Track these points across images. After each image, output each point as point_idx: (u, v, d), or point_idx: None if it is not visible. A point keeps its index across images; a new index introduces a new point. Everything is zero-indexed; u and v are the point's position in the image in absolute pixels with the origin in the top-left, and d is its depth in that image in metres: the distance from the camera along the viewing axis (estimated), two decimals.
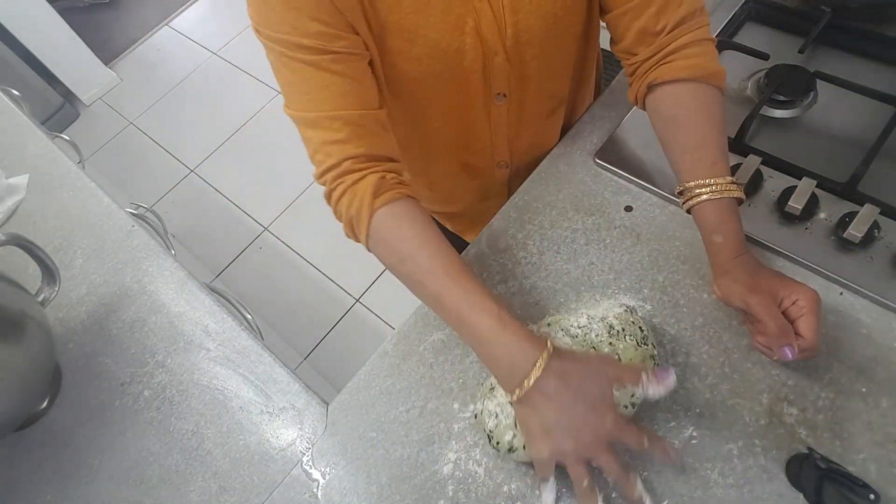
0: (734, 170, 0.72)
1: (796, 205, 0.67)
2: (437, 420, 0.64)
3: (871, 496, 0.48)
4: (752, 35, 0.89)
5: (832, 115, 0.78)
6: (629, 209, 0.75)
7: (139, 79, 2.76)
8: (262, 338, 0.79)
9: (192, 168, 2.37)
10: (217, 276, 2.04)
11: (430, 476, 0.61)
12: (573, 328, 0.60)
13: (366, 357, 0.70)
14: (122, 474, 0.68)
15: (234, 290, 1.94)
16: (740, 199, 0.59)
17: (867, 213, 0.64)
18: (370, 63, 0.62)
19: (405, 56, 0.60)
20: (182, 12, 3.03)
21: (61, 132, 1.20)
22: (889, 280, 0.63)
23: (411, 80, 0.63)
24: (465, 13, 0.59)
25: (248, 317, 0.90)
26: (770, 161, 0.73)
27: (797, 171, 0.72)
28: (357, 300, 1.89)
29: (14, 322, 0.64)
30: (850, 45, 0.83)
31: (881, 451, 0.55)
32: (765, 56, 0.83)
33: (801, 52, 0.82)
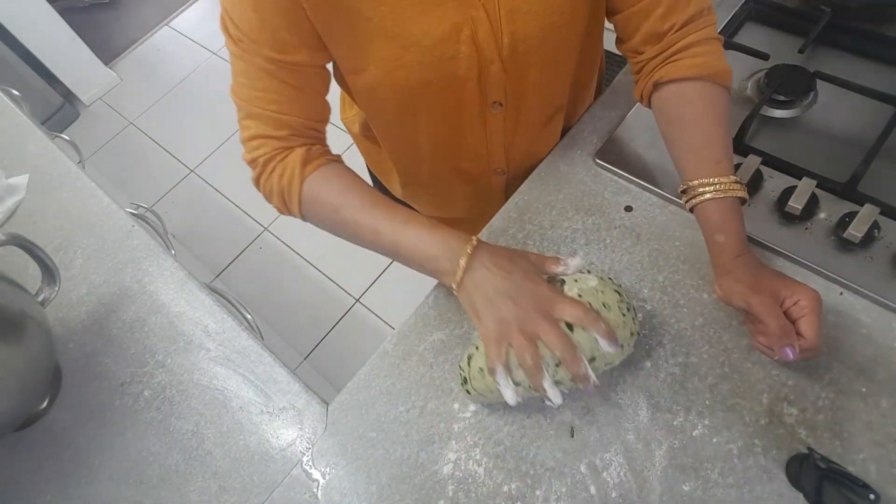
0: (734, 170, 0.72)
1: (796, 205, 0.67)
2: (437, 420, 0.64)
3: (871, 496, 0.48)
4: (752, 35, 0.89)
5: (832, 115, 0.78)
6: (629, 209, 0.75)
7: (139, 79, 2.76)
8: (262, 338, 0.79)
9: (192, 168, 2.37)
10: (217, 276, 2.04)
11: (430, 476, 0.61)
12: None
13: (366, 357, 0.70)
14: (122, 474, 0.68)
15: (234, 290, 1.94)
16: (743, 199, 0.59)
17: (867, 213, 0.65)
18: (342, 71, 0.65)
19: (397, 63, 0.59)
20: (182, 12, 3.03)
21: (61, 132, 1.20)
22: (889, 280, 0.63)
23: (403, 88, 0.62)
24: (461, 21, 0.58)
25: (248, 317, 0.90)
26: (770, 161, 0.73)
27: (797, 171, 0.72)
28: (357, 300, 1.89)
29: (14, 322, 0.64)
30: (850, 45, 0.84)
31: (881, 451, 0.55)
32: (765, 56, 0.83)
33: (801, 52, 0.82)
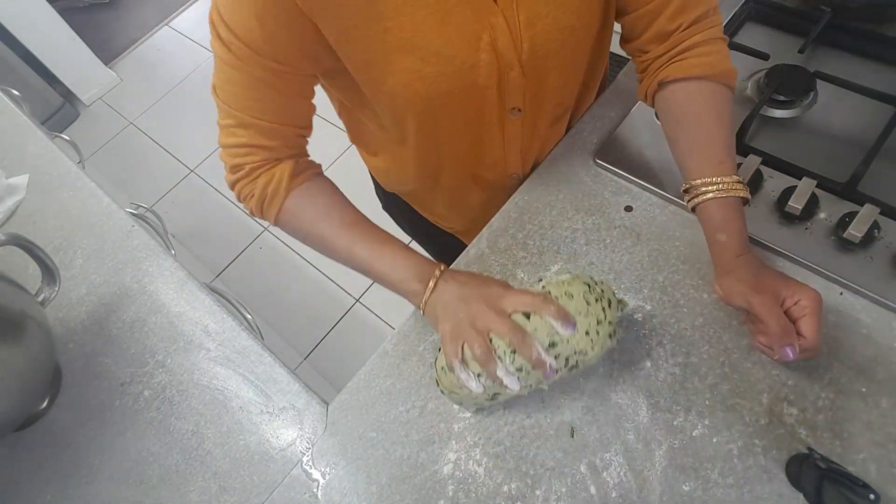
0: (737, 169, 0.72)
1: (796, 205, 0.67)
2: (437, 420, 0.64)
3: (871, 496, 0.48)
4: (752, 35, 0.89)
5: (832, 115, 0.78)
6: (629, 209, 0.75)
7: (139, 79, 2.76)
8: (262, 338, 0.79)
9: (192, 168, 2.37)
10: (217, 276, 2.04)
11: (430, 476, 0.61)
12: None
13: (366, 357, 0.70)
14: (122, 474, 0.68)
15: (234, 290, 1.94)
16: (746, 199, 0.59)
17: (867, 213, 0.65)
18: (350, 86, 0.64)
19: (417, 75, 0.58)
20: (182, 12, 3.03)
21: (61, 132, 1.20)
22: (889, 280, 0.63)
23: (424, 99, 0.61)
24: (481, 29, 0.57)
25: (248, 317, 0.90)
26: (770, 161, 0.73)
27: (797, 171, 0.72)
28: (357, 300, 1.89)
29: (14, 322, 0.64)
30: (850, 45, 0.83)
31: (881, 451, 0.55)
32: (765, 56, 0.83)
33: (801, 52, 0.82)
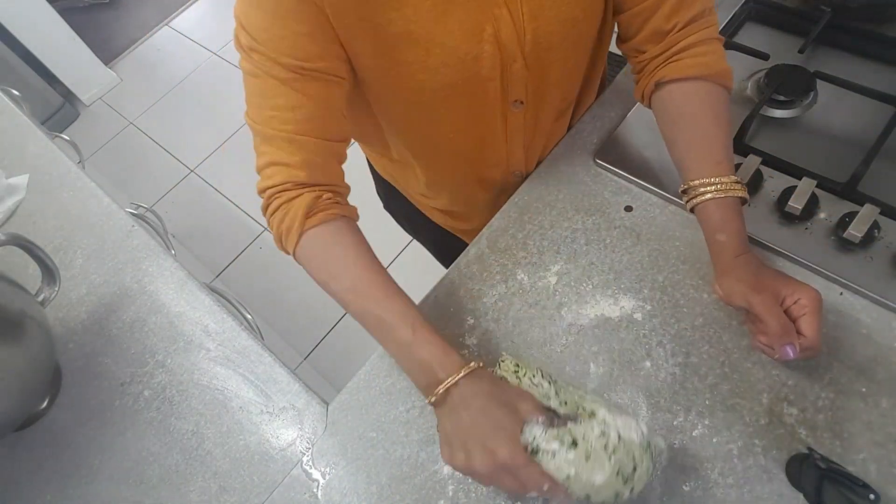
0: (735, 170, 0.72)
1: (796, 205, 0.67)
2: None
3: (871, 496, 0.48)
4: (752, 35, 0.89)
5: (832, 115, 0.78)
6: (629, 209, 0.75)
7: (139, 79, 2.76)
8: (262, 338, 0.79)
9: (192, 168, 2.37)
10: (217, 276, 2.04)
11: (430, 476, 0.61)
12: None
13: (366, 357, 0.70)
14: (122, 474, 0.68)
15: (234, 290, 1.93)
16: (744, 199, 0.59)
17: (867, 213, 0.65)
18: (361, 86, 0.63)
19: (421, 66, 0.58)
20: (182, 12, 3.03)
21: (61, 132, 1.20)
22: (889, 280, 0.63)
23: (427, 91, 0.61)
24: (484, 20, 0.57)
25: (248, 317, 0.90)
26: (770, 161, 0.73)
27: (797, 171, 0.72)
28: None
29: (14, 322, 0.64)
30: (850, 45, 0.83)
31: (881, 451, 0.55)
32: (765, 56, 0.83)
33: (801, 52, 0.82)
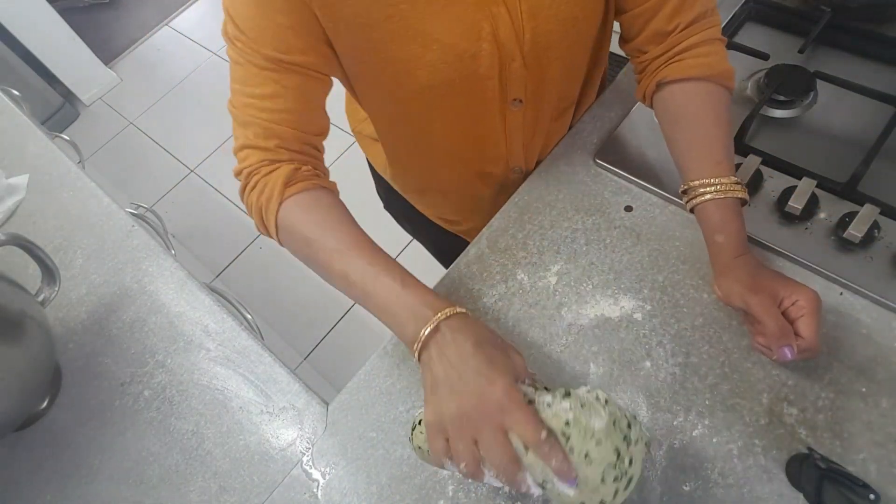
0: (735, 170, 0.72)
1: (796, 205, 0.67)
2: None
3: (871, 496, 0.48)
4: (752, 35, 0.89)
5: (832, 115, 0.78)
6: (629, 209, 0.75)
7: (139, 79, 2.76)
8: (262, 338, 0.79)
9: (192, 168, 2.37)
10: (217, 276, 2.04)
11: (430, 476, 0.61)
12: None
13: (366, 357, 0.70)
14: (122, 474, 0.68)
15: (234, 290, 1.93)
16: (744, 200, 0.59)
17: (867, 213, 0.65)
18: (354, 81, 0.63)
19: (417, 63, 0.58)
20: (182, 12, 3.03)
21: (61, 132, 1.20)
22: (889, 280, 0.63)
23: (424, 88, 0.61)
24: (482, 18, 0.57)
25: (248, 317, 0.90)
26: (770, 161, 0.73)
27: (797, 171, 0.72)
28: None
29: (14, 322, 0.64)
30: (850, 45, 0.83)
31: (881, 451, 0.55)
32: (765, 56, 0.83)
33: (801, 52, 0.82)
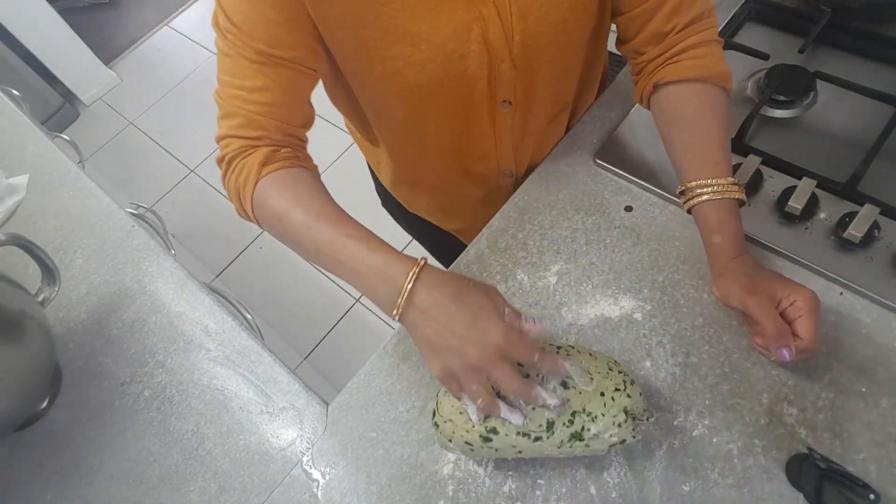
0: (734, 170, 0.72)
1: (796, 205, 0.67)
2: None
3: (871, 496, 0.48)
4: (752, 35, 0.89)
5: (832, 115, 0.78)
6: (629, 209, 0.75)
7: (139, 79, 2.76)
8: (262, 338, 0.79)
9: (192, 168, 2.37)
10: (217, 276, 2.04)
11: (430, 476, 0.61)
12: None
13: (366, 357, 0.70)
14: (122, 474, 0.68)
15: (234, 290, 1.94)
16: (741, 201, 0.59)
17: (867, 213, 0.65)
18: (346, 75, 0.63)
19: (406, 62, 0.58)
20: (182, 12, 3.03)
21: (61, 132, 1.20)
22: (889, 280, 0.63)
23: (413, 87, 0.61)
24: (472, 20, 0.57)
25: (248, 317, 0.90)
26: (770, 161, 0.73)
27: (797, 171, 0.72)
28: (357, 300, 1.89)
29: (14, 322, 0.64)
30: (850, 45, 0.83)
31: (881, 451, 0.55)
32: (765, 56, 0.83)
33: (801, 52, 0.82)
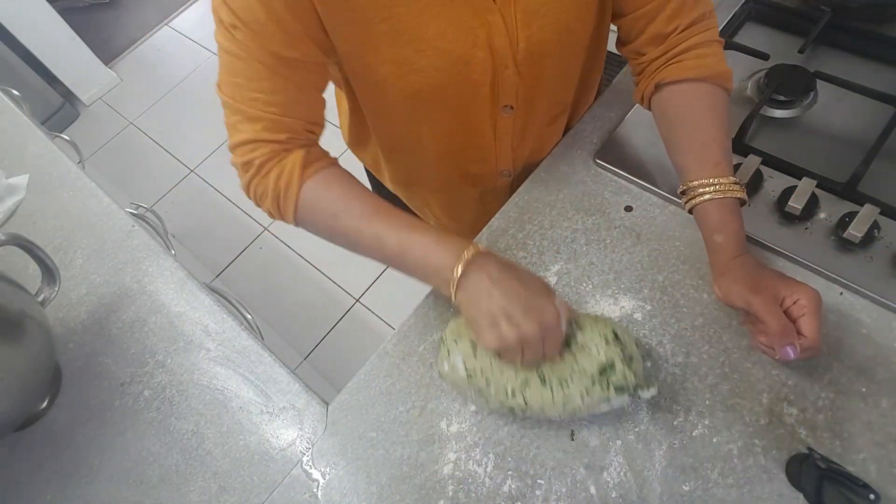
0: (734, 170, 0.72)
1: (796, 205, 0.67)
2: (437, 420, 0.64)
3: (871, 496, 0.48)
4: (752, 35, 0.89)
5: (832, 115, 0.78)
6: (629, 209, 0.75)
7: (139, 79, 2.76)
8: (262, 338, 0.79)
9: (192, 168, 2.37)
10: (217, 276, 2.04)
11: (430, 476, 0.61)
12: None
13: (366, 357, 0.70)
14: (122, 474, 0.68)
15: (234, 290, 1.94)
16: (742, 200, 0.59)
17: (867, 213, 0.65)
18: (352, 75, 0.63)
19: (410, 67, 0.59)
20: (182, 12, 3.02)
21: (61, 132, 1.20)
22: (889, 280, 0.63)
23: (417, 92, 0.62)
24: (477, 26, 0.57)
25: (248, 317, 0.90)
26: (770, 161, 0.73)
27: (797, 171, 0.72)
28: (357, 300, 1.89)
29: (14, 322, 0.64)
30: (850, 45, 0.84)
31: (881, 451, 0.55)
32: (765, 56, 0.83)
33: (801, 52, 0.82)
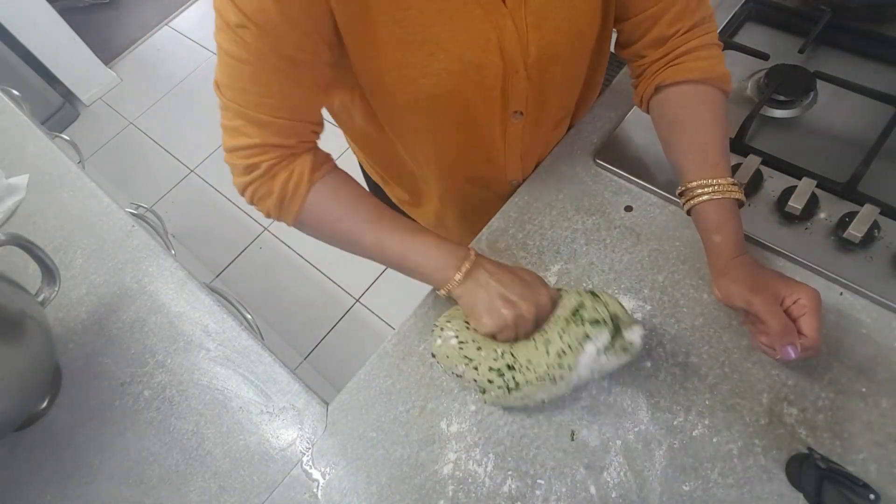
0: (734, 170, 0.72)
1: (796, 205, 0.67)
2: (437, 420, 0.64)
3: (871, 496, 0.48)
4: (752, 35, 0.89)
5: (832, 115, 0.78)
6: (629, 209, 0.75)
7: (139, 79, 2.76)
8: (262, 338, 0.79)
9: (192, 168, 2.37)
10: (217, 276, 2.04)
11: (430, 476, 0.61)
12: None
13: (366, 357, 0.70)
14: (122, 474, 0.68)
15: (234, 290, 1.94)
16: (741, 201, 0.59)
17: (867, 213, 0.65)
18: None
19: (423, 70, 0.58)
20: (182, 12, 3.02)
21: (61, 132, 1.20)
22: (889, 280, 0.63)
23: (428, 97, 0.61)
24: (489, 30, 0.57)
25: (248, 317, 0.90)
26: (770, 161, 0.73)
27: (797, 171, 0.72)
28: (357, 300, 1.89)
29: (14, 322, 0.64)
30: (850, 45, 0.84)
31: (881, 451, 0.55)
32: (765, 56, 0.83)
33: (801, 52, 0.82)
